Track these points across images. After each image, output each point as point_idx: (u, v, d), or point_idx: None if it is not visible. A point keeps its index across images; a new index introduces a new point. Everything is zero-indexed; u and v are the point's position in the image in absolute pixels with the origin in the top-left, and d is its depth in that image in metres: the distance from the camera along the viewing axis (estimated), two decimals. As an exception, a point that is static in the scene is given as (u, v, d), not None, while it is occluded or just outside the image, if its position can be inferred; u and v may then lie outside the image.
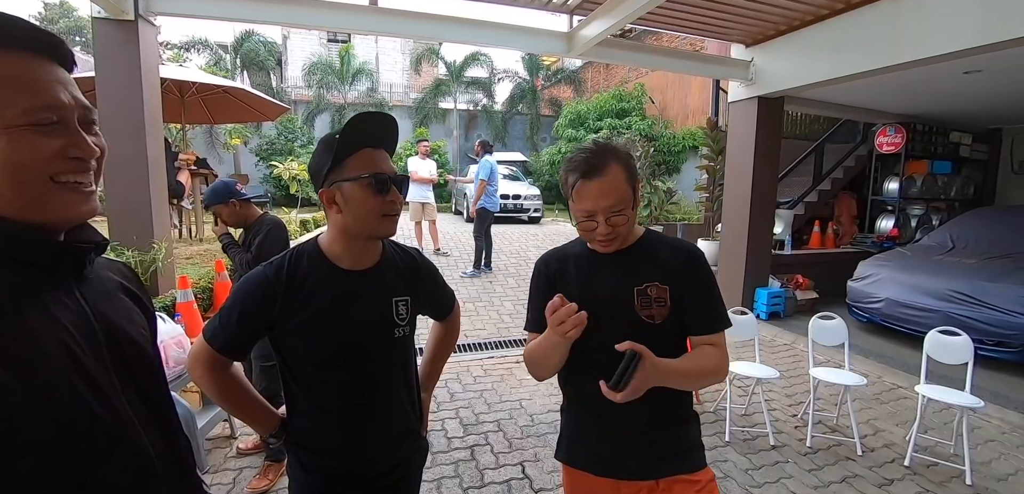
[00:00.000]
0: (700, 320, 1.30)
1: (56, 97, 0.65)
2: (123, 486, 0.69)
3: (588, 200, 1.22)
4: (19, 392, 0.58)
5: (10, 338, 0.59)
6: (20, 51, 0.64)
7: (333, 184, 1.17)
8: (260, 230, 2.74)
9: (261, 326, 1.18)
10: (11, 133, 0.61)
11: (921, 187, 7.88)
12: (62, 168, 0.66)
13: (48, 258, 0.68)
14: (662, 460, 1.29)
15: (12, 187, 0.62)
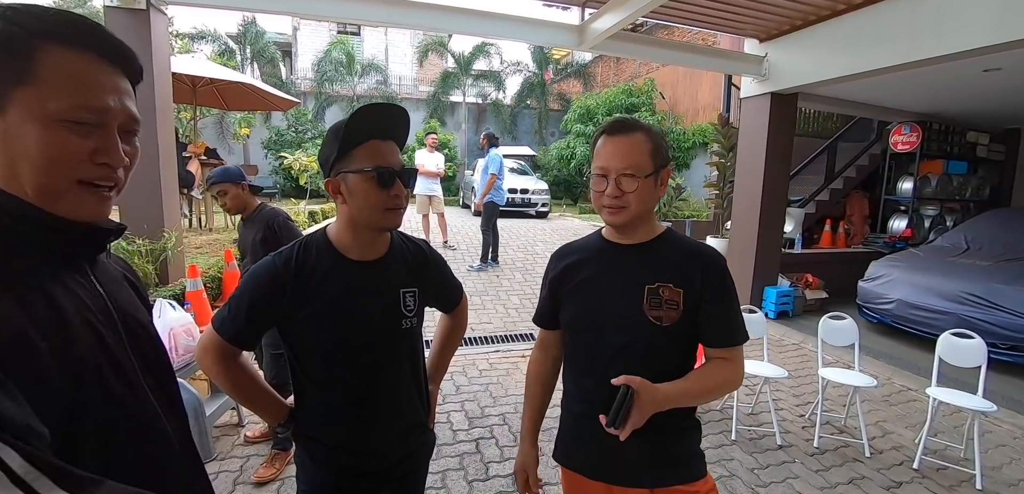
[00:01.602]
0: (715, 332, 1.25)
1: (103, 101, 0.66)
2: (145, 466, 0.71)
3: (603, 157, 1.23)
4: (57, 369, 0.59)
5: (44, 316, 0.61)
6: (86, 51, 0.65)
7: (338, 174, 1.17)
8: (270, 220, 2.74)
9: (270, 317, 1.18)
10: (51, 125, 0.63)
11: (936, 187, 7.77)
12: (89, 172, 0.67)
13: (68, 243, 0.70)
14: (661, 468, 1.26)
15: (39, 176, 0.64)
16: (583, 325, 1.31)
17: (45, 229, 0.66)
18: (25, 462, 0.47)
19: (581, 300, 1.31)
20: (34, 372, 0.57)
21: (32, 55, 0.62)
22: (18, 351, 0.56)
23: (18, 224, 0.64)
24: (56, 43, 0.63)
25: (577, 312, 1.32)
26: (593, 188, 1.27)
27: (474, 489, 2.68)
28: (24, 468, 0.47)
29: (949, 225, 7.54)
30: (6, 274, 0.60)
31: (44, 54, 0.62)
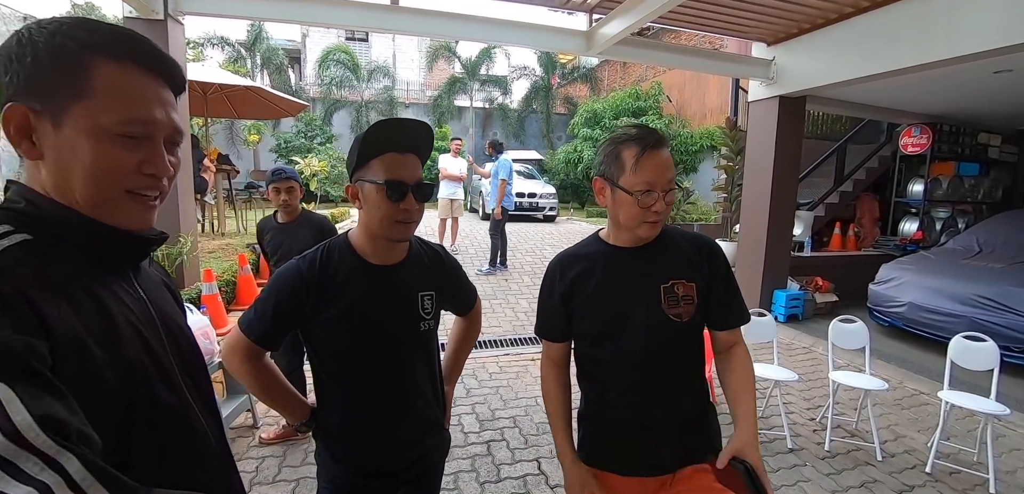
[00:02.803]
0: (726, 316, 1.33)
1: (151, 114, 0.69)
2: (189, 466, 0.74)
3: (651, 171, 1.21)
4: (110, 373, 0.62)
5: (95, 321, 0.64)
6: (133, 64, 0.68)
7: (358, 181, 1.21)
8: (323, 225, 2.91)
9: (294, 319, 1.22)
10: (103, 138, 0.65)
11: (947, 189, 7.71)
12: (137, 183, 0.69)
13: (114, 250, 0.73)
14: (684, 454, 1.31)
15: (89, 187, 0.66)
16: (604, 332, 1.32)
17: (93, 237, 0.69)
18: (82, 468, 0.51)
19: (599, 308, 1.32)
20: (90, 377, 0.61)
21: (86, 71, 0.64)
22: (76, 356, 0.59)
23: (68, 232, 0.66)
24: (107, 58, 0.66)
25: (596, 320, 1.33)
26: (639, 204, 1.21)
27: (486, 490, 2.70)
28: (81, 473, 0.50)
29: (961, 227, 7.48)
30: (60, 280, 0.63)
31: (96, 69, 0.65)
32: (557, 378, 1.46)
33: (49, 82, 0.63)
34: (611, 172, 1.27)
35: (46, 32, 0.64)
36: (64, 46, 0.64)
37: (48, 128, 0.64)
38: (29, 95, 0.63)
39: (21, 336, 0.54)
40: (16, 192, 0.68)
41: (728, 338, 1.36)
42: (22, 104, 0.63)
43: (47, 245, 0.64)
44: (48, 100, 0.64)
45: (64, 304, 0.61)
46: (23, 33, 0.64)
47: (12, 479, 0.46)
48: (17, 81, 0.63)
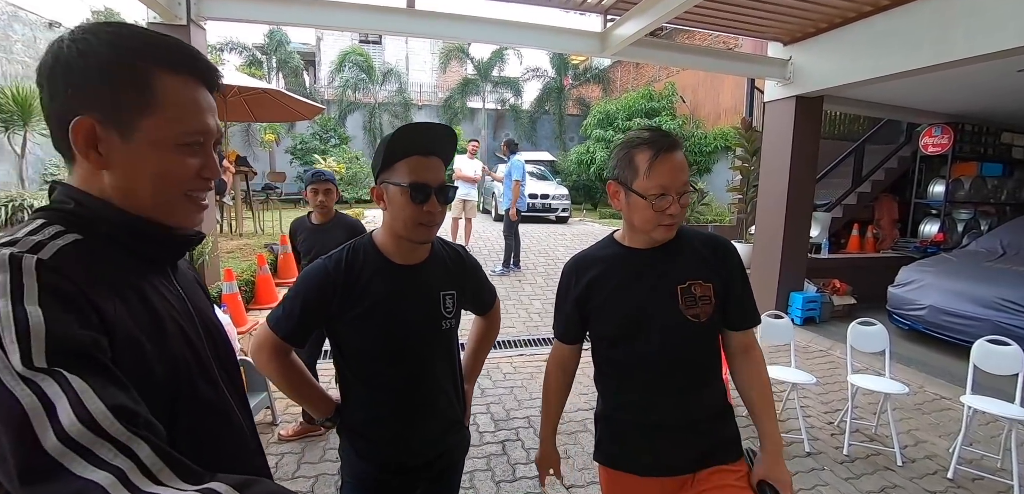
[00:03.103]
0: (741, 316, 1.34)
1: (206, 122, 0.73)
2: (228, 459, 0.77)
3: (665, 174, 1.21)
4: (159, 368, 0.65)
5: (144, 318, 0.67)
6: (188, 75, 0.71)
7: (382, 183, 1.24)
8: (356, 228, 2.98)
9: (321, 316, 1.25)
10: (170, 148, 0.69)
11: (969, 190, 7.55)
12: (196, 186, 0.74)
13: (158, 248, 0.76)
14: (704, 454, 1.31)
15: (153, 193, 0.70)
16: (622, 334, 1.33)
17: (139, 236, 0.72)
18: (152, 452, 0.54)
19: (616, 310, 1.33)
20: (143, 371, 0.64)
21: (151, 84, 0.67)
22: (130, 351, 0.63)
23: (115, 231, 0.69)
24: (168, 70, 0.69)
25: (614, 322, 1.34)
26: (654, 207, 1.22)
27: (501, 489, 2.72)
28: (151, 458, 0.54)
29: (983, 229, 7.33)
30: (112, 278, 0.66)
31: (161, 83, 0.68)
32: (561, 381, 1.51)
33: (116, 96, 0.66)
34: (625, 176, 1.27)
35: (107, 43, 0.66)
36: (128, 60, 0.67)
37: (116, 139, 0.67)
38: (95, 107, 0.65)
39: (87, 331, 0.57)
40: (64, 193, 0.70)
41: (742, 340, 1.37)
42: (89, 117, 0.65)
43: (97, 244, 0.67)
44: (114, 112, 0.66)
45: (118, 301, 0.64)
46: (81, 43, 0.66)
47: (89, 464, 0.50)
48: (81, 93, 0.65)
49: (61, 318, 0.56)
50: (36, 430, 0.49)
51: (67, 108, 0.66)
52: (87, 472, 0.49)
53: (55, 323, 0.55)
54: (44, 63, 0.67)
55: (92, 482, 0.49)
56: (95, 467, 0.50)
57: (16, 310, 0.54)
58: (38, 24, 11.27)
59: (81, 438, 0.50)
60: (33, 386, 0.51)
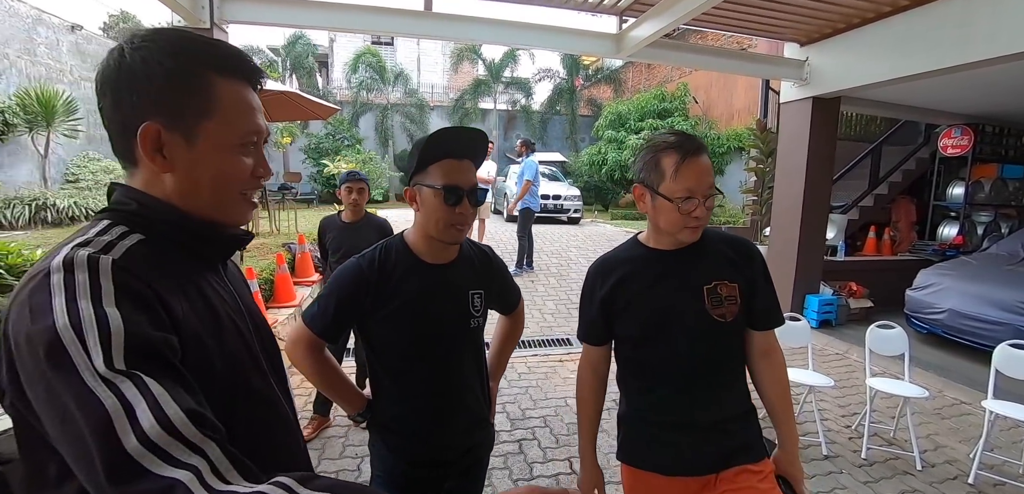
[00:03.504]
0: (766, 317, 1.36)
1: (258, 124, 0.76)
2: (280, 451, 0.80)
3: (691, 178, 1.23)
4: (219, 364, 0.68)
5: (205, 315, 0.70)
6: (241, 80, 0.74)
7: (415, 185, 1.28)
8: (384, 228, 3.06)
9: (354, 314, 1.29)
10: (229, 151, 0.73)
11: (990, 192, 7.43)
12: (250, 186, 0.77)
13: (212, 247, 0.79)
14: (729, 454, 1.33)
15: (211, 193, 0.74)
16: (648, 335, 1.34)
17: (196, 235, 0.75)
18: (221, 454, 0.57)
19: (642, 311, 1.34)
20: (206, 366, 0.67)
21: (211, 91, 0.70)
22: (195, 348, 0.66)
23: (173, 232, 0.72)
24: (224, 76, 0.72)
25: (641, 324, 1.35)
26: (680, 210, 1.23)
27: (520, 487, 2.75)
28: (219, 458, 0.57)
29: (1004, 232, 7.20)
30: (176, 276, 0.69)
31: (219, 89, 0.71)
32: (594, 386, 1.49)
33: (179, 102, 0.69)
34: (651, 179, 1.29)
35: (168, 52, 0.69)
36: (189, 67, 0.70)
37: (180, 144, 0.70)
38: (160, 113, 0.68)
39: (159, 332, 0.61)
40: (124, 194, 0.73)
41: (764, 341, 1.38)
42: (155, 123, 0.68)
43: (158, 244, 0.70)
44: (178, 118, 0.69)
45: (182, 299, 0.68)
46: (144, 52, 0.68)
47: (167, 464, 0.53)
48: (146, 100, 0.68)
49: (136, 319, 0.59)
50: (118, 432, 0.52)
51: (132, 115, 0.68)
52: (167, 471, 0.52)
53: (131, 324, 0.58)
54: (107, 72, 0.69)
55: (175, 480, 0.52)
56: (173, 467, 0.53)
57: (97, 311, 0.57)
58: (61, 28, 11.54)
59: (159, 441, 0.53)
60: (114, 388, 0.54)
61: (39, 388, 0.56)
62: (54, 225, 8.88)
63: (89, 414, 0.53)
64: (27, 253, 4.84)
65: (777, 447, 1.40)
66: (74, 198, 9.57)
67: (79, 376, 0.54)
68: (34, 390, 0.56)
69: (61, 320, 0.56)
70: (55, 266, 0.60)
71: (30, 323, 0.57)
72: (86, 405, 0.53)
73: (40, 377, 0.55)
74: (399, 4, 4.36)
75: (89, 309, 0.57)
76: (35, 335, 0.56)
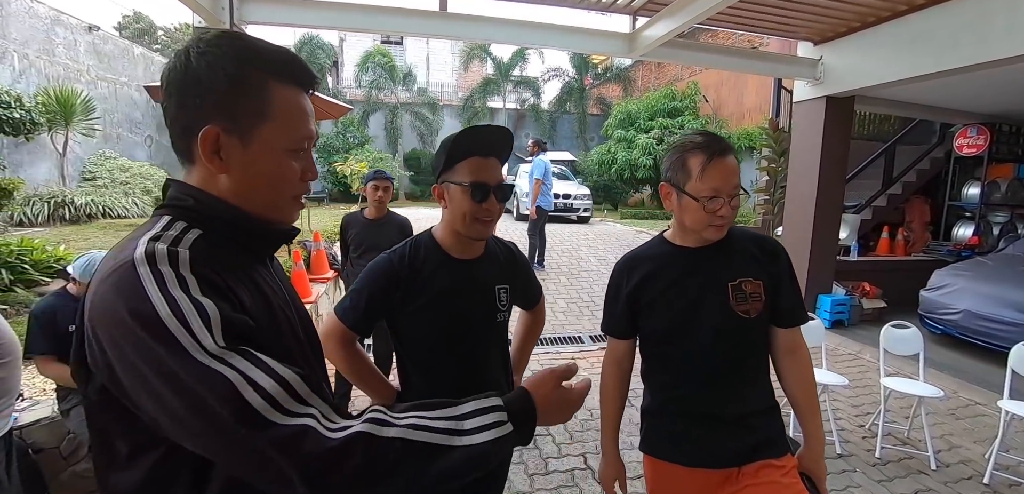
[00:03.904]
0: (790, 315, 1.38)
1: (310, 129, 0.79)
2: None
3: (718, 178, 1.26)
4: (273, 348, 0.71)
5: (261, 303, 0.74)
6: (296, 86, 0.78)
7: (444, 182, 1.32)
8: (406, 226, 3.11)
9: (385, 308, 1.33)
10: (282, 154, 0.76)
11: (1006, 192, 7.35)
12: (299, 189, 0.81)
13: (263, 242, 0.84)
14: (751, 449, 1.35)
15: (263, 194, 0.77)
16: (673, 330, 1.37)
17: (249, 231, 0.79)
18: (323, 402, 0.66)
19: (668, 307, 1.37)
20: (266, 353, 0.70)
21: (268, 96, 0.74)
22: (265, 335, 0.70)
23: (227, 227, 0.76)
24: (281, 82, 0.75)
25: (665, 319, 1.38)
26: (706, 209, 1.27)
27: (535, 481, 2.79)
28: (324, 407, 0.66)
29: (1021, 232, 7.12)
30: (235, 268, 0.73)
31: (274, 94, 0.74)
32: (617, 379, 1.52)
33: (238, 106, 0.72)
34: (677, 178, 1.32)
35: (230, 57, 0.72)
36: (249, 74, 0.73)
37: (237, 146, 0.73)
38: (220, 117, 0.72)
39: (240, 315, 0.66)
40: (181, 190, 0.76)
41: (789, 339, 1.41)
42: (215, 126, 0.71)
43: (214, 239, 0.74)
44: (236, 121, 0.73)
45: (244, 289, 0.72)
46: (208, 57, 0.71)
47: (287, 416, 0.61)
48: (208, 104, 0.72)
49: (222, 305, 0.64)
50: (245, 395, 0.59)
51: (195, 118, 0.72)
52: (291, 420, 0.60)
53: (222, 310, 0.64)
54: (173, 75, 0.73)
55: (304, 424, 0.61)
56: (295, 416, 0.61)
57: (193, 300, 0.62)
58: (78, 28, 11.74)
59: (279, 397, 0.61)
60: (227, 363, 0.60)
61: (147, 370, 0.60)
62: (72, 222, 9.04)
63: (213, 386, 0.59)
64: (50, 250, 4.97)
65: (802, 445, 1.41)
66: (91, 196, 9.74)
67: (192, 357, 0.59)
68: (137, 372, 0.60)
69: (163, 309, 0.60)
70: (139, 259, 0.64)
71: (127, 312, 0.60)
72: (207, 379, 0.59)
73: (147, 360, 0.59)
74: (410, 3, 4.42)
75: (184, 298, 0.62)
76: (137, 323, 0.60)
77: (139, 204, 10.72)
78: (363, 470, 0.62)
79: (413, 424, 0.67)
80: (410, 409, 0.69)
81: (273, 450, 0.59)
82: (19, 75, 10.06)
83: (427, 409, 0.71)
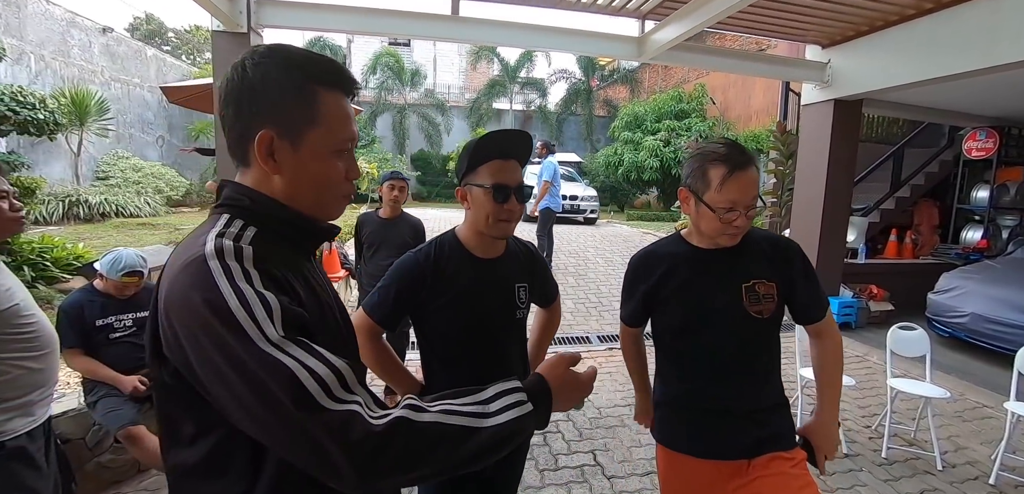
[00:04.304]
0: (813, 310, 1.44)
1: (352, 131, 0.85)
2: None
3: (735, 191, 1.30)
4: (323, 339, 0.77)
5: (310, 294, 0.80)
6: (339, 91, 0.84)
7: (466, 185, 1.39)
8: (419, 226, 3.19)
9: (411, 303, 1.40)
10: (329, 156, 0.82)
11: (1015, 196, 7.34)
12: (344, 188, 0.87)
13: (309, 239, 0.89)
14: (760, 442, 1.40)
15: (314, 194, 0.83)
16: (688, 327, 1.43)
17: (298, 228, 0.85)
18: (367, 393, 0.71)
19: (683, 305, 1.43)
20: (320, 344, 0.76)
21: (316, 101, 0.80)
22: (318, 327, 0.76)
23: (279, 225, 0.82)
24: (326, 88, 0.81)
25: (681, 317, 1.43)
26: (721, 219, 1.32)
27: (545, 477, 2.85)
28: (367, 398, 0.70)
29: (1030, 236, 7.12)
30: (289, 264, 0.79)
31: (323, 99, 0.80)
32: (636, 352, 1.69)
33: (291, 112, 0.79)
34: (697, 186, 1.36)
35: (282, 67, 0.79)
36: (300, 81, 0.79)
37: (288, 149, 0.79)
38: (275, 122, 0.78)
39: (298, 308, 0.72)
40: (236, 190, 0.82)
41: (814, 329, 1.48)
42: (269, 131, 0.77)
43: (269, 236, 0.80)
44: (288, 125, 0.79)
45: (297, 283, 0.78)
46: (263, 68, 0.78)
47: (337, 402, 0.66)
48: (263, 111, 0.78)
49: (281, 298, 0.70)
50: (303, 382, 0.64)
51: (251, 123, 0.78)
52: (340, 406, 0.66)
53: (283, 302, 0.70)
54: (232, 85, 0.79)
55: (352, 409, 0.66)
56: (344, 403, 0.66)
57: (257, 292, 0.68)
58: (93, 30, 11.94)
59: (332, 385, 0.66)
60: (287, 352, 0.66)
61: (217, 356, 0.66)
62: (85, 221, 9.20)
63: (274, 372, 0.64)
64: (70, 247, 5.08)
65: (812, 416, 1.49)
66: (104, 195, 9.90)
67: (256, 345, 0.65)
68: (208, 357, 0.66)
69: (232, 300, 0.67)
70: (209, 253, 0.70)
71: (201, 302, 0.67)
72: (269, 366, 0.64)
73: (218, 347, 0.65)
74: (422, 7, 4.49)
75: (251, 290, 0.68)
76: (210, 312, 0.66)
77: (151, 203, 10.88)
78: (403, 453, 0.67)
79: (445, 410, 0.72)
80: (439, 398, 0.75)
81: (324, 433, 0.63)
82: (35, 76, 10.25)
83: (455, 397, 0.76)
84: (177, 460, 0.78)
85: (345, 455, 0.64)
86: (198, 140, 13.95)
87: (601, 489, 2.77)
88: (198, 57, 24.57)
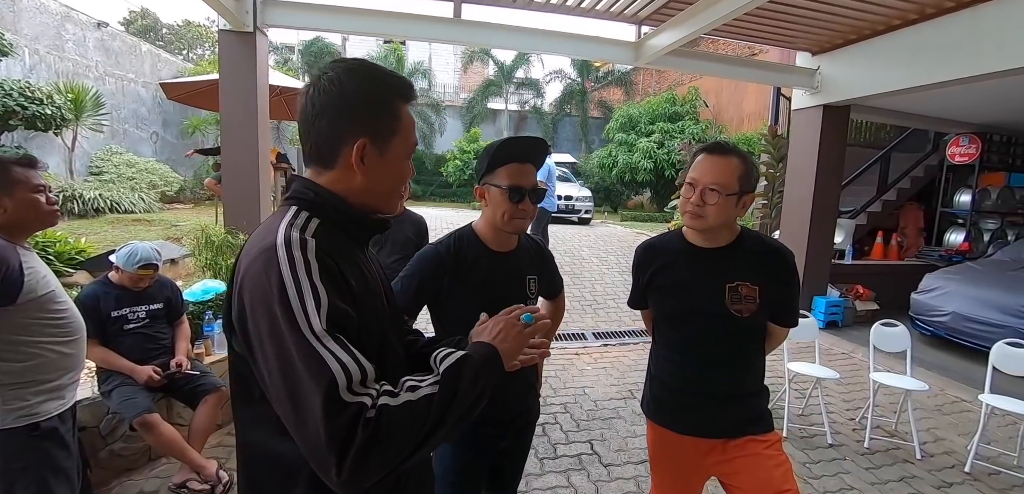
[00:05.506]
0: (781, 315, 1.59)
1: (416, 137, 0.98)
2: None
3: (696, 170, 1.46)
4: (373, 322, 0.89)
5: (363, 283, 0.90)
6: (409, 103, 0.96)
7: (485, 184, 1.50)
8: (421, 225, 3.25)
9: (433, 291, 1.51)
10: (402, 159, 0.95)
11: (997, 200, 7.58)
12: (405, 186, 1.00)
13: (365, 230, 0.99)
14: (738, 424, 1.55)
15: (388, 192, 0.96)
16: (677, 317, 1.59)
17: (356, 221, 0.95)
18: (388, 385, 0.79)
19: (675, 298, 1.58)
20: (368, 324, 0.86)
21: (398, 112, 0.92)
22: (363, 312, 0.85)
23: (340, 217, 0.92)
24: (403, 100, 0.93)
25: (672, 309, 1.60)
26: (682, 195, 1.52)
27: (545, 465, 2.97)
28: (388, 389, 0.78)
29: (1011, 239, 7.35)
30: (346, 254, 0.89)
31: (400, 110, 0.93)
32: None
33: (380, 122, 0.90)
34: (684, 173, 1.54)
35: (370, 82, 0.90)
36: (389, 97, 0.91)
37: (376, 154, 0.90)
38: (368, 131, 0.89)
39: (345, 304, 0.80)
40: (303, 185, 0.91)
41: (773, 327, 1.62)
42: (364, 138, 0.88)
43: (329, 227, 0.89)
44: (377, 133, 0.90)
45: (352, 272, 0.88)
46: (356, 82, 0.88)
47: (356, 395, 0.74)
48: (360, 122, 0.89)
49: (331, 292, 0.79)
50: (337, 378, 0.72)
51: (347, 132, 0.88)
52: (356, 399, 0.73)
53: (331, 296, 0.78)
54: (330, 97, 0.88)
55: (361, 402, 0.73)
56: (359, 397, 0.74)
57: (312, 284, 0.77)
58: (87, 24, 11.87)
59: (357, 385, 0.74)
60: (325, 344, 0.74)
61: (271, 339, 0.76)
62: (80, 216, 9.16)
63: (310, 361, 0.73)
64: (72, 241, 5.12)
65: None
66: (99, 190, 9.86)
67: (302, 334, 0.74)
68: (264, 338, 0.76)
69: (291, 289, 0.76)
70: (280, 242, 0.80)
71: (268, 284, 0.77)
72: (308, 356, 0.73)
73: (272, 331, 0.75)
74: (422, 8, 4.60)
75: (307, 281, 0.77)
76: (274, 294, 0.76)
77: (145, 199, 10.84)
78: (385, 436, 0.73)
79: (410, 386, 0.80)
80: (405, 378, 0.82)
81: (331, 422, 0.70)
82: (30, 70, 10.18)
83: (415, 374, 0.84)
84: (245, 415, 0.90)
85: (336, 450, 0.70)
86: (194, 136, 13.90)
87: (598, 476, 2.89)
88: (191, 52, 24.40)
